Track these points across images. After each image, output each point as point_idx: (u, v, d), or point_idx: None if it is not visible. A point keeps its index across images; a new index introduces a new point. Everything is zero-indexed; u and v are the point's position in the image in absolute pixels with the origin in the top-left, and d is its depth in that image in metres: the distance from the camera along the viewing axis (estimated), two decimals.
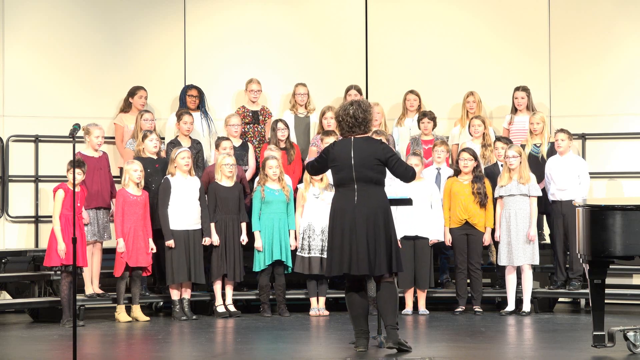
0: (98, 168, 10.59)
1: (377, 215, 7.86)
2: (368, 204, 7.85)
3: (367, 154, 7.88)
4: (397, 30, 12.42)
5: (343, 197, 7.93)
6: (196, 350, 8.58)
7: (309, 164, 8.40)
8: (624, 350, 7.83)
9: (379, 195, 7.92)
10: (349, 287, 8.03)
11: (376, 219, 7.85)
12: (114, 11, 12.02)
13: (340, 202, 7.95)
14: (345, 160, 7.90)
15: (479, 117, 11.31)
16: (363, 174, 7.87)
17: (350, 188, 7.90)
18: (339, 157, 7.93)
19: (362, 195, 7.87)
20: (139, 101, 11.57)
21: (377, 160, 7.89)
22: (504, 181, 10.51)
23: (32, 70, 11.71)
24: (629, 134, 11.78)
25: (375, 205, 7.87)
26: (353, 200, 7.87)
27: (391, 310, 7.92)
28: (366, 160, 7.87)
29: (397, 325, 7.94)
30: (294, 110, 11.75)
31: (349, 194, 7.90)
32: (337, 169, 7.97)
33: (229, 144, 10.82)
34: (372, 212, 7.85)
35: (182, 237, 10.40)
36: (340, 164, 7.92)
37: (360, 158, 7.87)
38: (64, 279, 10.00)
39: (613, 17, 11.88)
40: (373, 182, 7.90)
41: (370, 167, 7.88)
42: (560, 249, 10.78)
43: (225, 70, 12.20)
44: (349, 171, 7.88)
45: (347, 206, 7.87)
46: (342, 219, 7.89)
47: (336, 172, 7.99)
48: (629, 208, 7.64)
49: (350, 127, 7.96)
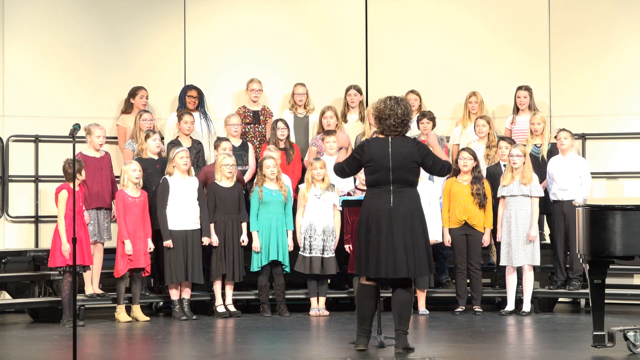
0: (99, 169, 10.58)
1: (414, 217, 7.78)
2: (404, 205, 7.75)
3: (404, 156, 7.76)
4: (397, 30, 12.43)
5: (378, 198, 7.80)
6: (196, 350, 8.58)
7: (338, 167, 8.08)
8: (624, 350, 7.83)
9: (413, 197, 7.83)
10: (364, 286, 7.93)
11: (413, 221, 7.76)
12: (114, 11, 12.02)
13: (375, 202, 7.81)
14: (383, 161, 7.77)
15: (484, 117, 11.30)
16: (400, 176, 7.76)
17: (386, 189, 7.78)
18: (376, 158, 7.79)
19: (397, 197, 7.76)
20: (140, 101, 11.57)
21: (414, 162, 7.79)
22: (507, 181, 10.50)
23: (32, 70, 11.71)
24: (629, 134, 11.78)
25: (411, 207, 7.78)
26: (389, 202, 7.77)
27: (406, 316, 7.87)
28: (404, 162, 7.76)
29: (408, 331, 7.91)
30: (293, 110, 11.74)
31: (384, 195, 7.78)
32: (372, 170, 7.83)
33: (228, 144, 10.82)
34: (409, 214, 7.76)
35: (180, 237, 10.40)
36: (377, 165, 7.78)
37: (398, 160, 7.75)
38: (65, 279, 9.99)
39: (613, 17, 11.88)
40: (409, 183, 7.81)
41: (408, 169, 7.78)
42: (561, 249, 10.77)
43: (225, 70, 12.20)
44: (385, 173, 7.77)
45: (383, 207, 7.75)
46: (377, 221, 7.76)
47: (371, 172, 7.85)
48: (629, 208, 7.64)
49: (395, 126, 7.79)
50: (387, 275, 7.75)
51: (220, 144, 10.76)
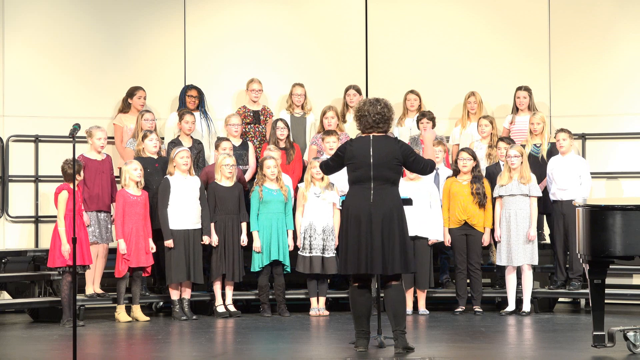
0: (100, 171, 10.57)
1: (393, 215, 7.82)
2: (384, 203, 7.81)
3: (386, 154, 7.83)
4: (397, 30, 12.43)
5: (358, 195, 7.87)
6: (196, 350, 8.58)
7: (322, 163, 8.29)
8: (624, 350, 7.83)
9: (394, 195, 7.89)
10: (354, 287, 7.99)
11: (391, 219, 7.81)
12: (115, 11, 12.03)
13: (355, 200, 7.88)
14: (364, 158, 7.84)
15: (487, 117, 11.31)
16: (381, 174, 7.83)
17: (366, 186, 7.85)
18: (358, 155, 7.87)
19: (378, 194, 7.82)
20: (138, 102, 11.57)
21: (396, 159, 7.85)
22: (504, 180, 10.51)
23: (32, 70, 11.71)
24: (629, 134, 11.79)
25: (390, 205, 7.83)
26: (369, 199, 7.82)
27: (400, 315, 7.88)
28: (385, 159, 7.83)
29: (405, 330, 7.92)
30: (290, 110, 11.74)
31: (364, 192, 7.84)
32: (354, 167, 7.91)
33: (229, 144, 10.83)
34: (388, 211, 7.81)
35: (181, 236, 10.40)
36: (358, 162, 7.87)
37: (379, 157, 7.83)
38: (65, 279, 9.99)
39: (613, 17, 11.89)
40: (390, 181, 7.87)
41: (389, 167, 7.84)
42: (561, 249, 10.78)
43: (225, 70, 12.20)
44: (366, 170, 7.84)
45: (363, 204, 7.82)
46: (357, 217, 7.83)
47: (353, 169, 7.93)
48: (629, 208, 7.64)
49: (376, 123, 7.88)
50: (365, 271, 7.82)
51: (221, 144, 10.76)
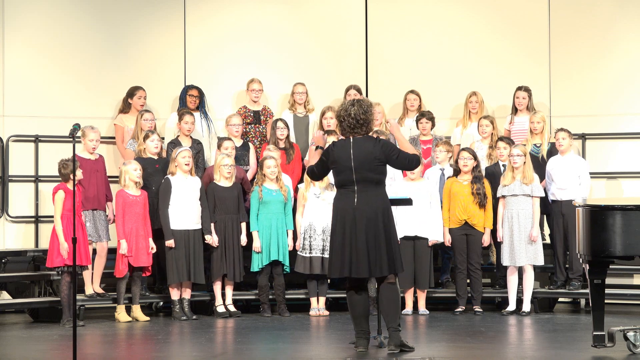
0: (94, 170, 10.59)
1: (377, 216, 7.84)
2: (368, 205, 7.83)
3: (366, 155, 7.84)
4: (397, 30, 12.42)
5: (343, 199, 7.91)
6: (196, 350, 8.58)
7: (309, 169, 8.31)
8: (624, 350, 7.83)
9: (379, 196, 7.90)
10: (350, 287, 8.02)
11: (376, 221, 7.83)
12: (115, 11, 12.02)
13: (340, 204, 7.93)
14: (345, 162, 7.87)
15: (488, 117, 11.31)
16: (363, 176, 7.85)
17: (351, 189, 7.88)
18: (339, 159, 7.90)
19: (362, 196, 7.85)
20: (138, 102, 11.57)
21: (377, 160, 7.86)
22: (507, 180, 10.50)
23: (32, 70, 11.71)
24: (629, 134, 11.78)
25: (375, 206, 7.85)
26: (353, 202, 7.85)
27: (394, 312, 7.91)
28: (366, 161, 7.84)
29: (400, 327, 7.93)
30: (293, 110, 11.75)
31: (349, 195, 7.88)
32: (337, 171, 7.95)
33: (231, 144, 10.83)
34: (373, 213, 7.83)
35: (182, 237, 10.40)
36: (341, 166, 7.90)
37: (359, 160, 7.84)
38: (64, 279, 9.99)
39: (613, 17, 11.88)
40: (373, 182, 7.88)
41: (371, 168, 7.85)
42: (560, 248, 10.78)
43: (225, 70, 12.20)
44: (349, 173, 7.86)
45: (348, 208, 7.86)
46: (342, 221, 7.88)
47: (336, 173, 7.98)
48: (629, 208, 7.64)
49: (351, 127, 7.93)
50: (350, 274, 7.84)
51: (223, 144, 10.76)
